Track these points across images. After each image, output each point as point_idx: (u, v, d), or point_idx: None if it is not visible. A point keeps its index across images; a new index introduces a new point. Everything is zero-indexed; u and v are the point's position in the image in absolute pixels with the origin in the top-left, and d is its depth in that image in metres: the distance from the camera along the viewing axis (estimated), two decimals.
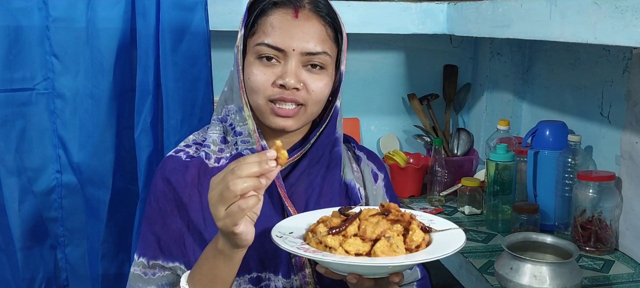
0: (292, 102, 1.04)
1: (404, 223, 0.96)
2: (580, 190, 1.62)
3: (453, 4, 1.95)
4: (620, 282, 1.48)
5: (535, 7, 1.44)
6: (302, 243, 0.95)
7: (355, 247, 0.92)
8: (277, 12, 1.04)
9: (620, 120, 1.67)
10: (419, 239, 0.94)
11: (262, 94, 1.04)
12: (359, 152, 1.24)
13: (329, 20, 1.07)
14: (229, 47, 2.12)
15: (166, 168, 1.12)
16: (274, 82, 1.03)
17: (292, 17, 1.03)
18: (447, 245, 0.93)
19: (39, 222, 1.68)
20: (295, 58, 1.03)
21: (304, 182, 1.11)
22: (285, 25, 1.03)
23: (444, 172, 2.10)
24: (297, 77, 1.03)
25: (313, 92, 1.05)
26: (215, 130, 1.15)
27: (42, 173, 1.67)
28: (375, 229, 0.93)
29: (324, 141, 1.12)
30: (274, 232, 0.97)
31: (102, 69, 1.62)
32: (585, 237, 1.63)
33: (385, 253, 0.91)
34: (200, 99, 1.67)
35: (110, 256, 1.73)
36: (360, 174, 1.20)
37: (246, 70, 1.06)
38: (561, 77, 1.97)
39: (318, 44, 1.04)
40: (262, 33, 1.04)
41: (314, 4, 1.06)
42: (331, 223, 0.96)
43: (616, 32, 1.14)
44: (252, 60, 1.05)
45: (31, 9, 1.58)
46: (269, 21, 1.04)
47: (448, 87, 2.35)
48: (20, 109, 1.61)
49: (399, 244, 0.92)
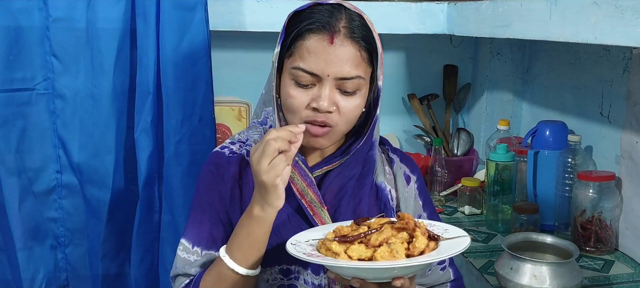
0: (323, 124, 1.08)
1: (409, 231, 1.01)
2: (580, 190, 1.62)
3: (453, 4, 1.95)
4: (620, 282, 1.48)
5: (535, 7, 1.44)
6: (313, 249, 1.01)
7: (358, 252, 0.97)
8: (313, 37, 1.06)
9: (620, 120, 1.67)
10: (421, 246, 0.97)
11: (297, 115, 1.09)
12: (392, 154, 1.26)
13: (364, 45, 1.08)
14: (229, 47, 2.14)
15: (211, 162, 1.16)
16: (308, 105, 1.07)
17: (328, 44, 1.05)
18: (448, 251, 0.98)
19: (39, 222, 1.69)
20: (330, 83, 1.06)
21: (337, 184, 1.15)
22: (320, 52, 1.05)
23: (444, 172, 2.10)
24: (331, 101, 1.07)
25: (344, 114, 1.09)
26: (256, 131, 1.21)
27: (42, 174, 1.67)
28: (379, 236, 0.98)
29: (362, 149, 1.16)
30: (290, 240, 1.04)
31: (102, 69, 1.62)
32: (585, 237, 1.62)
33: (384, 258, 0.95)
34: (200, 98, 1.67)
35: (111, 256, 1.74)
36: (392, 177, 1.23)
37: (283, 88, 1.10)
38: (561, 77, 1.97)
39: (352, 68, 1.06)
40: (298, 57, 1.07)
41: (349, 29, 1.07)
42: (342, 232, 1.02)
43: (616, 32, 1.14)
44: (288, 81, 1.09)
45: (31, 9, 1.58)
46: (305, 46, 1.06)
47: (448, 87, 2.35)
48: (21, 109, 1.62)
49: (399, 249, 0.96)
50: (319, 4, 1.09)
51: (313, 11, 1.07)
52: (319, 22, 1.06)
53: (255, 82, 1.59)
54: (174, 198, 1.66)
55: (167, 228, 1.68)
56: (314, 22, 1.06)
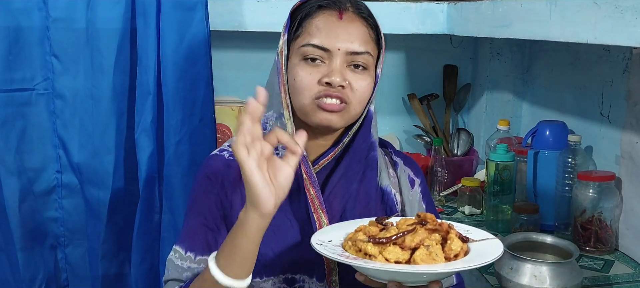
0: (337, 98, 1.06)
1: (443, 232, 0.98)
2: (580, 190, 1.62)
3: (453, 4, 1.95)
4: (620, 282, 1.48)
5: (535, 7, 1.44)
6: (343, 251, 0.96)
7: (395, 254, 0.93)
8: (322, 14, 1.07)
9: (620, 120, 1.67)
10: (457, 248, 0.95)
11: (307, 93, 1.07)
12: (396, 157, 1.25)
13: (371, 22, 1.10)
14: (229, 47, 2.14)
15: (209, 166, 1.14)
16: (319, 80, 1.06)
17: (337, 19, 1.07)
18: (485, 254, 0.94)
19: (39, 222, 1.69)
20: (340, 57, 1.06)
21: (341, 188, 1.13)
22: (330, 26, 1.06)
23: (444, 172, 2.10)
24: (342, 75, 1.06)
25: (357, 91, 1.07)
26: None
27: (42, 174, 1.67)
28: (414, 238, 0.95)
29: (360, 145, 1.14)
30: (313, 240, 0.98)
31: (102, 69, 1.62)
32: (585, 237, 1.62)
33: (424, 261, 0.92)
34: (200, 98, 1.67)
35: (111, 256, 1.74)
36: (397, 180, 1.21)
37: (290, 72, 1.09)
38: (561, 77, 1.97)
39: (362, 44, 1.07)
40: (307, 35, 1.07)
41: (356, 6, 1.09)
42: (370, 232, 0.98)
43: (616, 32, 1.14)
44: (297, 61, 1.08)
45: (31, 9, 1.58)
46: (314, 23, 1.07)
47: (448, 87, 2.35)
48: (21, 109, 1.62)
49: (438, 252, 0.93)
50: None
51: None
52: (326, 0, 1.07)
53: (255, 82, 1.56)
54: (174, 199, 1.66)
55: (167, 228, 1.68)
56: (321, 1, 1.08)
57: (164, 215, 1.69)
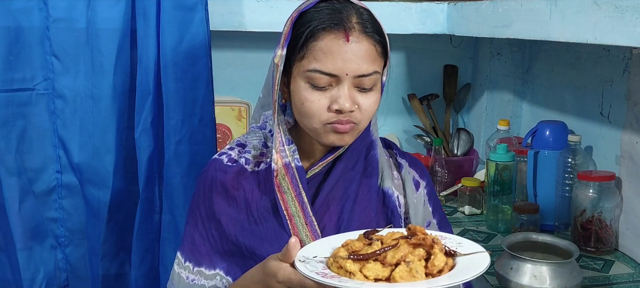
0: (348, 123, 1.05)
1: (426, 247, 0.94)
2: (580, 190, 1.62)
3: (453, 4, 1.95)
4: (620, 282, 1.48)
5: (535, 7, 1.44)
6: (325, 267, 0.93)
7: (375, 271, 0.89)
8: (328, 36, 1.02)
9: (620, 120, 1.67)
10: (440, 264, 0.91)
11: (317, 119, 1.05)
12: (400, 159, 1.22)
13: (377, 38, 1.06)
14: (229, 47, 2.14)
15: (206, 173, 1.13)
16: (329, 107, 1.04)
17: (344, 42, 1.02)
18: (469, 269, 0.90)
19: (39, 222, 1.69)
20: (348, 82, 1.03)
21: (340, 188, 1.11)
22: (336, 51, 1.01)
23: (444, 172, 2.10)
24: (352, 100, 1.04)
25: (365, 111, 1.06)
26: (255, 136, 1.16)
27: (43, 174, 1.67)
28: (395, 254, 0.91)
29: (358, 144, 1.12)
30: (298, 255, 0.95)
31: (103, 69, 1.62)
32: (585, 237, 1.62)
33: (404, 279, 0.88)
34: (200, 98, 1.67)
35: (111, 256, 1.74)
36: (401, 182, 1.19)
37: (296, 94, 1.06)
38: (561, 77, 1.97)
39: (369, 65, 1.04)
40: (312, 59, 1.03)
41: (361, 24, 1.04)
42: (353, 247, 0.95)
43: (616, 32, 1.14)
44: (303, 85, 1.04)
45: (31, 9, 1.58)
46: (319, 46, 1.02)
47: (448, 87, 2.35)
48: (21, 109, 1.61)
49: (418, 269, 0.89)
50: (323, 1, 1.05)
51: (321, 9, 1.04)
52: (331, 21, 1.02)
53: (255, 82, 1.59)
54: (174, 199, 1.66)
55: (167, 228, 1.68)
56: (326, 21, 1.02)
57: (164, 215, 1.69)
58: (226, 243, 1.10)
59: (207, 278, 1.11)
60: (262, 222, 1.09)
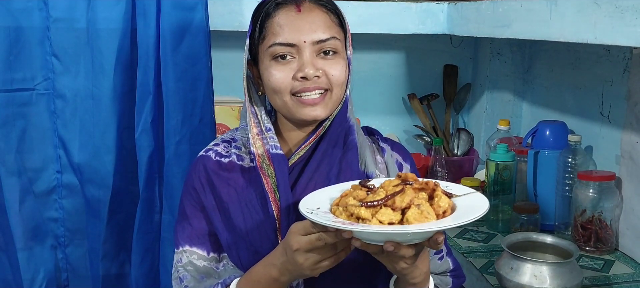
0: (315, 89, 1.08)
1: (428, 190, 0.99)
2: (581, 190, 1.62)
3: (453, 4, 1.95)
4: (620, 282, 1.48)
5: (535, 7, 1.44)
6: (334, 217, 0.96)
7: (388, 216, 0.93)
8: (281, 11, 1.09)
9: (620, 120, 1.67)
10: (445, 205, 0.96)
11: (285, 91, 1.09)
12: (383, 143, 1.25)
13: (331, 7, 1.12)
14: (228, 47, 2.13)
15: (196, 166, 1.16)
16: (294, 76, 1.08)
17: (296, 12, 1.08)
18: (473, 209, 0.95)
19: (40, 222, 1.69)
20: (308, 49, 1.08)
21: (322, 172, 1.13)
22: (291, 21, 1.08)
23: (444, 172, 2.10)
24: (315, 66, 1.08)
25: (333, 76, 1.09)
26: (244, 132, 1.20)
27: (43, 174, 1.67)
28: (403, 198, 0.95)
29: (336, 129, 1.15)
30: (302, 208, 0.98)
31: (103, 69, 1.62)
32: (586, 237, 1.63)
33: (417, 220, 0.92)
34: (200, 99, 1.67)
35: (111, 256, 1.74)
36: (385, 166, 1.22)
37: (264, 74, 1.11)
38: (561, 77, 1.97)
39: (325, 31, 1.09)
40: (271, 35, 1.09)
41: None
42: (358, 196, 0.98)
43: (616, 32, 1.14)
44: (268, 62, 1.10)
45: (31, 9, 1.58)
46: (275, 22, 1.09)
47: (448, 87, 2.35)
48: (21, 109, 1.62)
49: (429, 211, 0.94)
50: None
51: None
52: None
53: None
54: (174, 199, 1.66)
55: (167, 228, 1.68)
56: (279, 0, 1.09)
57: (164, 215, 1.69)
58: (221, 234, 1.13)
59: (206, 260, 1.15)
60: (251, 210, 1.11)
